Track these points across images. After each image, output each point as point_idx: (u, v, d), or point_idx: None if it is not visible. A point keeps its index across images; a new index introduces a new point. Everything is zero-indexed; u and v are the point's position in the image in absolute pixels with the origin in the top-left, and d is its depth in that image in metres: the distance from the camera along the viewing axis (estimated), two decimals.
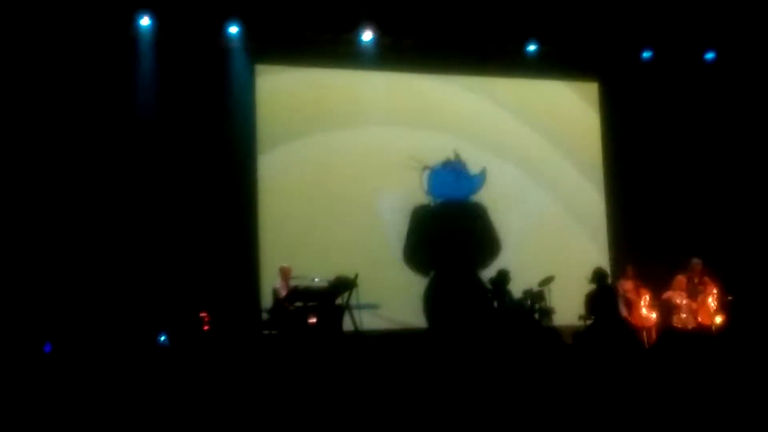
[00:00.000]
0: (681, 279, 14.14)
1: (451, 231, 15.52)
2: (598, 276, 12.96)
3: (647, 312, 14.26)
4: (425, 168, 15.55)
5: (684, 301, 14.04)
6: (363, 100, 15.49)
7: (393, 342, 13.01)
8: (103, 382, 8.16)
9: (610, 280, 13.55)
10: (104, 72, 13.73)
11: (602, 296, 12.88)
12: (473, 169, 15.91)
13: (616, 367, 7.19)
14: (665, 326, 13.83)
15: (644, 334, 13.95)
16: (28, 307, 12.41)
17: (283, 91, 15.13)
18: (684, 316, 13.96)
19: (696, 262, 14.28)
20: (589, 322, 13.06)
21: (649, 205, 16.42)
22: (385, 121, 15.50)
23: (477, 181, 15.89)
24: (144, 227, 13.72)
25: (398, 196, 15.43)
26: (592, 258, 15.70)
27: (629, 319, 14.02)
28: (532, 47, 16.06)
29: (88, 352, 10.86)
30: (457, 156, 15.77)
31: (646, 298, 14.33)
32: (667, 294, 14.14)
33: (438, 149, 15.68)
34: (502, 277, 13.72)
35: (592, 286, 12.95)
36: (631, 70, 16.68)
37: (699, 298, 14.14)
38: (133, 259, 13.49)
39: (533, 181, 16.31)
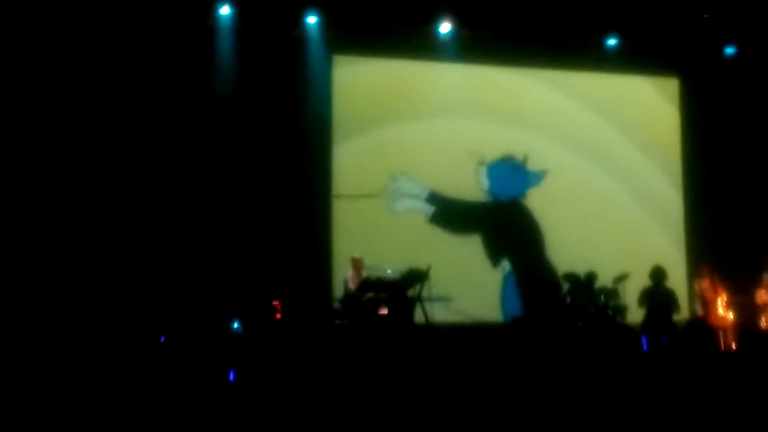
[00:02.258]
0: None
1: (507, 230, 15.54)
2: (654, 274, 13.00)
3: (724, 312, 13.98)
4: (481, 163, 15.49)
5: None
6: (440, 92, 15.42)
7: (464, 335, 12.96)
8: (178, 366, 8.24)
9: (666, 281, 13.48)
10: (183, 61, 13.88)
11: (654, 295, 12.91)
12: (537, 167, 15.83)
13: (692, 367, 7.05)
14: (747, 327, 13.51)
15: (720, 334, 13.66)
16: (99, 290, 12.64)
17: (360, 81, 15.16)
18: None
19: None
20: None
21: (729, 205, 16.13)
22: (462, 113, 15.45)
23: (534, 177, 15.76)
24: (219, 215, 13.84)
25: (471, 190, 15.41)
26: (669, 256, 15.53)
27: (706, 318, 13.77)
28: (612, 41, 15.86)
29: (164, 337, 10.98)
30: (512, 153, 15.70)
31: (723, 297, 14.04)
32: (758, 293, 13.81)
33: (514, 143, 15.63)
34: (589, 278, 13.69)
35: (649, 284, 13.01)
36: (713, 67, 16.39)
37: None
38: (209, 246, 13.62)
39: (610, 177, 16.14)
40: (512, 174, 15.68)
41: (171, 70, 13.79)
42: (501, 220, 15.59)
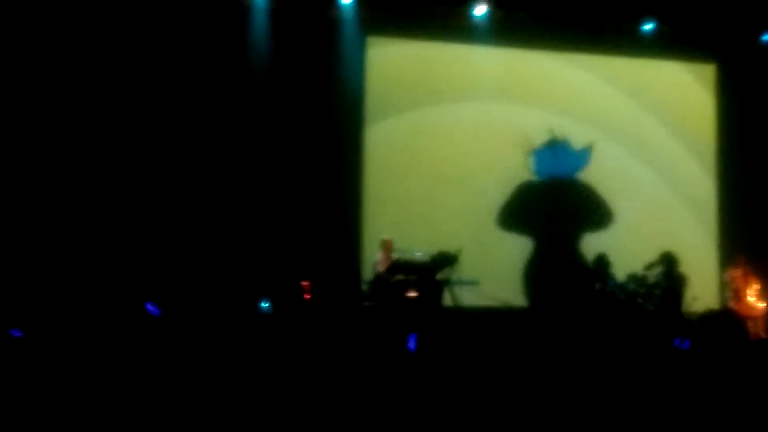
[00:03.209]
0: None
1: (554, 209, 15.45)
2: (665, 260, 12.93)
3: (755, 301, 13.92)
4: (530, 150, 15.44)
5: None
6: (474, 75, 15.37)
7: (492, 319, 12.97)
8: (207, 346, 8.29)
9: (677, 267, 13.35)
10: (218, 41, 13.94)
11: (665, 281, 12.83)
12: (577, 145, 15.73)
13: (722, 356, 7.01)
14: None
15: (750, 324, 13.59)
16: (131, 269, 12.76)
17: (394, 63, 15.13)
18: None
19: None
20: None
21: (762, 194, 15.97)
22: (496, 96, 15.39)
23: (582, 157, 15.71)
24: (251, 195, 13.89)
25: (504, 173, 15.35)
26: (700, 245, 15.54)
27: (735, 308, 13.71)
28: (648, 26, 15.75)
29: (193, 317, 11.06)
30: (556, 135, 15.59)
31: (754, 287, 13.97)
32: None
33: (547, 127, 15.53)
34: (603, 261, 13.59)
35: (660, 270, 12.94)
36: (751, 54, 16.22)
37: None
38: (239, 226, 13.68)
39: (643, 163, 16.03)
40: (560, 156, 15.62)
41: (206, 50, 13.84)
42: (545, 198, 15.56)
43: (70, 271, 12.50)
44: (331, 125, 14.51)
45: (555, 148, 15.59)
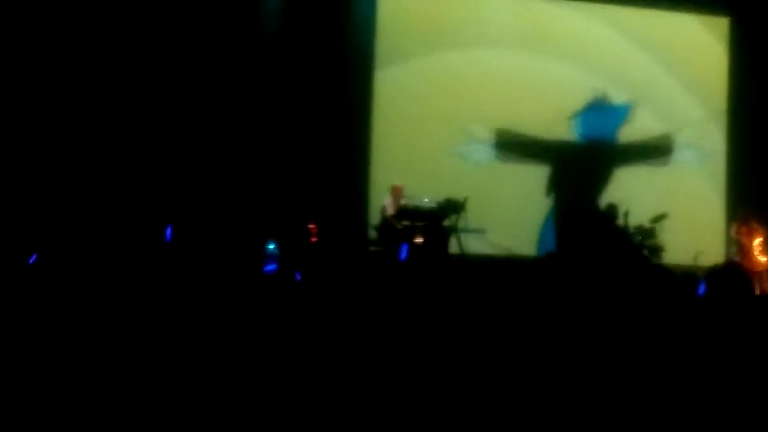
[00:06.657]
0: None
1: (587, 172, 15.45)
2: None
3: (759, 255, 13.92)
4: (572, 116, 15.38)
5: None
6: (487, 22, 15.26)
7: (497, 268, 13.00)
8: (213, 283, 8.33)
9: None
10: None
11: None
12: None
13: (726, 311, 7.02)
14: None
15: (755, 278, 13.61)
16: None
17: (407, 6, 15.03)
18: None
19: None
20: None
21: None
22: (508, 44, 15.31)
23: (622, 113, 15.65)
24: (260, 138, 13.88)
25: (514, 122, 15.29)
26: (709, 199, 15.48)
27: (741, 262, 13.71)
28: None
29: (201, 256, 11.11)
30: (603, 94, 15.54)
31: (759, 242, 13.97)
32: None
33: (560, 77, 15.44)
34: (613, 212, 13.61)
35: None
36: (765, 7, 16.05)
37: None
38: (249, 168, 13.69)
39: (653, 115, 15.96)
40: (602, 117, 15.57)
41: None
42: (575, 159, 15.58)
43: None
44: (341, 69, 14.44)
45: (597, 108, 15.52)
